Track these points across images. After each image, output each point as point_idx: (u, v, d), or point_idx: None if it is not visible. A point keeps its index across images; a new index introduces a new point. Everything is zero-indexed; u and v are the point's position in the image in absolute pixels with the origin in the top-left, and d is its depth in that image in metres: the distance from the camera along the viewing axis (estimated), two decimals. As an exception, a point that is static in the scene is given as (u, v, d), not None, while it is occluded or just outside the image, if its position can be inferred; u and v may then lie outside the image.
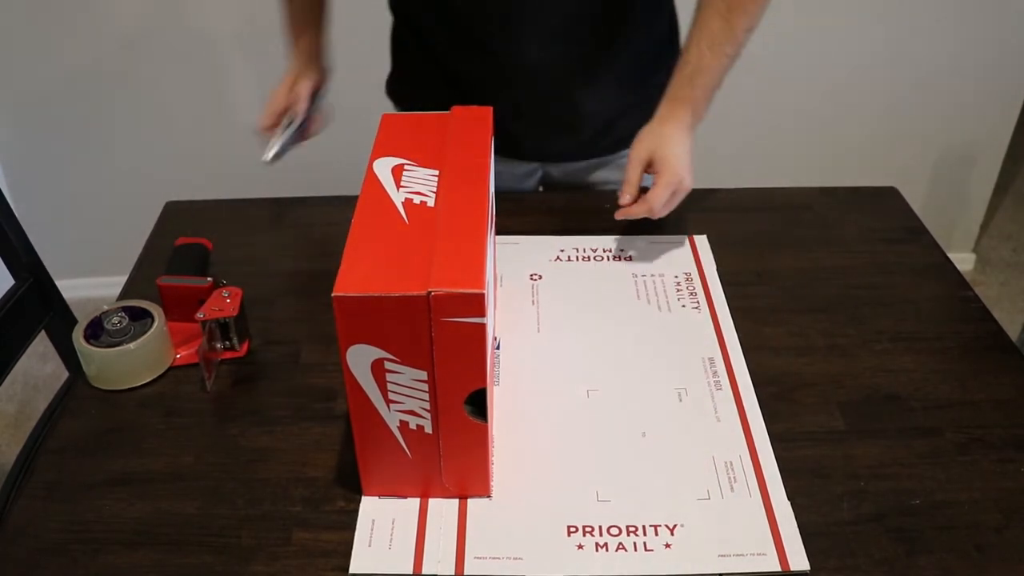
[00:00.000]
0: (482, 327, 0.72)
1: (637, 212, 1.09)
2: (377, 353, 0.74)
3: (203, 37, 2.08)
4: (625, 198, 1.10)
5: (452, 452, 0.80)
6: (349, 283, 0.72)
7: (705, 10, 1.08)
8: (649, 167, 1.09)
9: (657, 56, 1.23)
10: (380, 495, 0.84)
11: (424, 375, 0.75)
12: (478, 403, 0.78)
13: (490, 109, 0.97)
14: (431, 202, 0.82)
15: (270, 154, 1.18)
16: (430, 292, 0.71)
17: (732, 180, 1.37)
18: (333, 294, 0.71)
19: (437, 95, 1.14)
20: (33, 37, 2.05)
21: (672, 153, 1.07)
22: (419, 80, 1.28)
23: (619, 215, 1.11)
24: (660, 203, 1.08)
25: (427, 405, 0.77)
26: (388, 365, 0.75)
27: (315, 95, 1.25)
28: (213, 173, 2.25)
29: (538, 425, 0.92)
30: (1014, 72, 2.19)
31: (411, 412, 0.78)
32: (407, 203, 0.82)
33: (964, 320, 1.08)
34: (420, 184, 0.84)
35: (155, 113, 2.17)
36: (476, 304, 0.71)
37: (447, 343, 0.73)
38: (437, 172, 0.86)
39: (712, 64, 1.07)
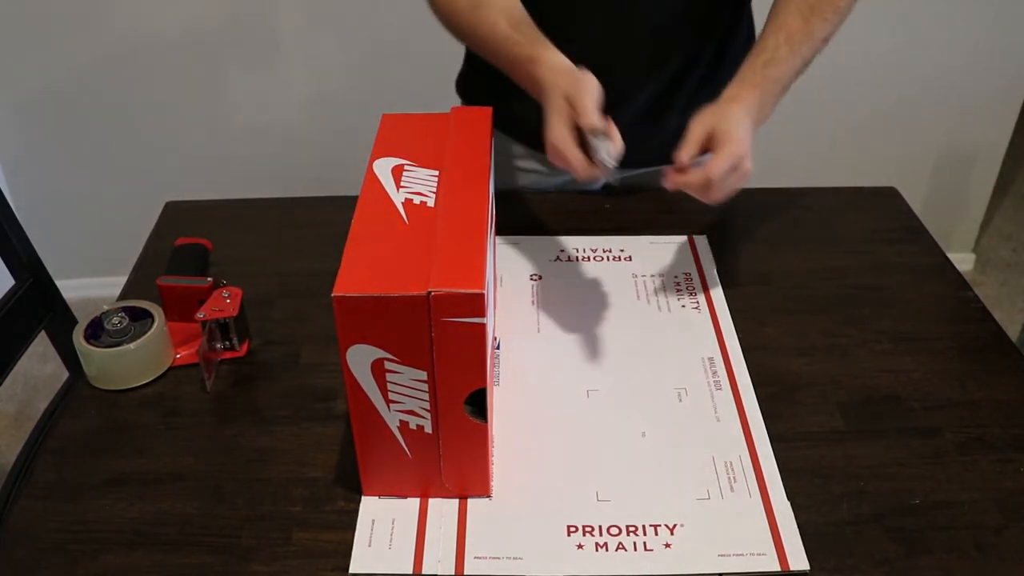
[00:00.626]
0: (482, 327, 0.72)
1: (693, 181, 0.94)
2: (377, 353, 0.74)
3: (203, 37, 2.09)
4: (684, 157, 0.95)
5: (452, 452, 0.80)
6: (349, 283, 0.72)
7: (785, 7, 1.05)
8: (709, 144, 0.96)
9: (735, 64, 1.15)
10: (380, 495, 0.84)
11: (424, 375, 0.75)
12: (478, 403, 0.78)
13: (490, 109, 0.96)
14: (431, 202, 0.82)
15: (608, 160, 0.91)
16: (430, 292, 0.71)
17: (732, 180, 1.37)
18: (333, 294, 0.71)
19: (508, 91, 1.04)
20: (34, 38, 2.05)
21: (735, 128, 0.95)
22: (491, 75, 1.16)
23: (672, 182, 0.96)
24: (720, 173, 0.93)
25: (427, 405, 0.77)
26: (388, 365, 0.75)
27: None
28: (213, 173, 2.26)
29: (538, 425, 0.92)
30: (1014, 72, 2.19)
31: (411, 412, 0.78)
32: (407, 203, 0.82)
33: (964, 320, 1.08)
34: (420, 184, 0.85)
35: (155, 113, 2.18)
36: (476, 304, 0.71)
37: (447, 343, 0.73)
38: (437, 172, 0.86)
39: (787, 58, 1.02)
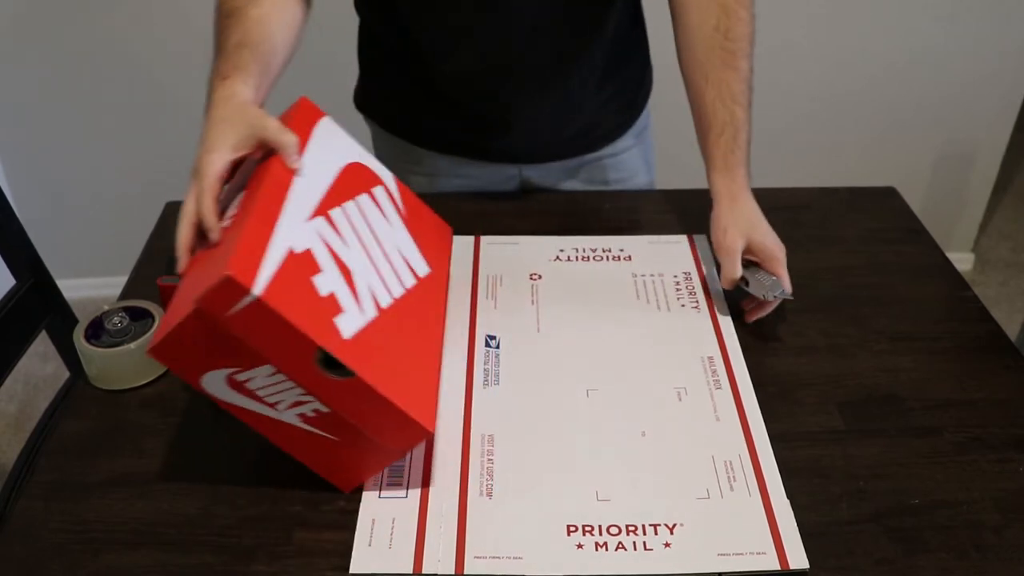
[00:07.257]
0: (257, 302, 0.70)
1: (769, 309, 1.05)
2: (221, 373, 0.75)
3: (204, 37, 2.08)
4: (732, 279, 1.04)
5: (358, 414, 0.78)
6: (157, 334, 0.75)
7: (708, 66, 1.06)
8: (745, 252, 1.05)
9: (626, 48, 1.21)
10: (357, 486, 0.84)
11: (270, 368, 0.75)
12: (331, 361, 0.75)
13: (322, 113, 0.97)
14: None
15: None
16: (196, 305, 0.71)
17: (732, 180, 1.36)
18: (147, 351, 0.75)
19: (410, 102, 1.07)
20: (34, 37, 2.05)
21: (765, 235, 1.05)
22: (391, 86, 1.23)
23: (754, 317, 1.05)
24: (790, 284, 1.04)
25: (301, 390, 0.76)
26: (239, 376, 0.75)
27: None
28: (213, 173, 2.25)
29: (538, 425, 0.92)
30: (1014, 72, 2.19)
31: (297, 403, 0.77)
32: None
33: (963, 320, 1.08)
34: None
35: (155, 113, 2.18)
36: (236, 290, 0.70)
37: (250, 332, 0.72)
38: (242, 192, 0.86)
39: (743, 116, 1.06)
